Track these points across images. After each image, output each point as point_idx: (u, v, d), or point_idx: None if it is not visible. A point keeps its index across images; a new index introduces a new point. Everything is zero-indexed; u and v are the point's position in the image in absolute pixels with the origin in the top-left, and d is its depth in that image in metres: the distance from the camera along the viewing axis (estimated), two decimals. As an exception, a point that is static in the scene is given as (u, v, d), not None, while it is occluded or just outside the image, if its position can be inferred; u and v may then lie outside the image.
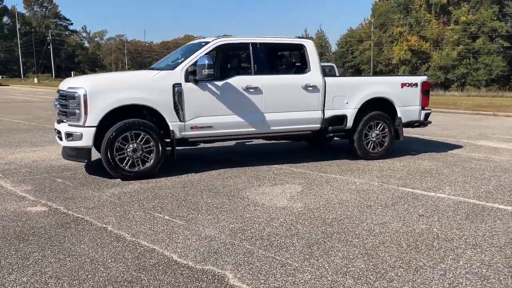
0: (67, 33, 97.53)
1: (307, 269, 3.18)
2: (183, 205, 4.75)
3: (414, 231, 4.01)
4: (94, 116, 5.57)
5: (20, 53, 75.98)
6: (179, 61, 6.30)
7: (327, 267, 3.22)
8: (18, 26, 78.01)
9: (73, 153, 5.85)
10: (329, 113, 7.00)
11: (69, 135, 5.66)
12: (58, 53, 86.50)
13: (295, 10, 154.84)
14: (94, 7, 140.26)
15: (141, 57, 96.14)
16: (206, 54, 6.30)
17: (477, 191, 5.48)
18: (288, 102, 6.69)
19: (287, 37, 6.98)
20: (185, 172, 6.33)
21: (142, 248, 3.55)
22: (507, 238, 3.87)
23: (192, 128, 6.13)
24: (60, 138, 5.86)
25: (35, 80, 62.20)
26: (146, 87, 5.84)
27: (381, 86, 7.44)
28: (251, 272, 3.12)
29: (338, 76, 11.83)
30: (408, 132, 9.31)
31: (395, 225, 4.18)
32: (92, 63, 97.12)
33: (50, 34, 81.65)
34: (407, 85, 7.62)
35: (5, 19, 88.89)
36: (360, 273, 3.14)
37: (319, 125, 6.97)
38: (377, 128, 7.45)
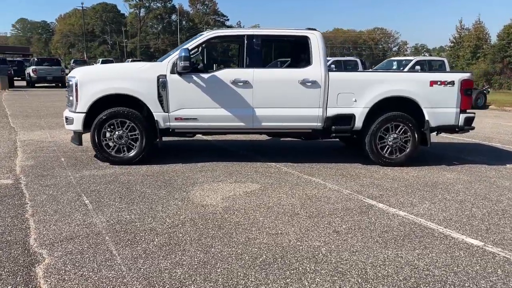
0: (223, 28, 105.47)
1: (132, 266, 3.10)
2: (119, 192, 4.95)
3: (306, 247, 3.52)
4: (84, 103, 6.11)
5: (221, 50, 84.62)
6: (172, 53, 6.48)
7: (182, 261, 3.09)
8: (182, 22, 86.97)
9: (73, 136, 6.51)
10: (332, 111, 6.41)
11: (66, 119, 6.32)
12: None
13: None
14: (246, 2, 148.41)
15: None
16: (196, 46, 6.36)
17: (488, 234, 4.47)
18: (282, 97, 6.33)
19: (291, 29, 6.58)
20: (171, 162, 6.51)
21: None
22: None
23: (176, 119, 6.26)
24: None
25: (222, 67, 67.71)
26: (131, 77, 6.16)
27: (402, 84, 6.49)
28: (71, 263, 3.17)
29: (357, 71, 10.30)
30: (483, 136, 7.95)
31: (290, 237, 3.72)
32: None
33: (206, 30, 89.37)
34: (439, 83, 6.50)
35: (173, 16, 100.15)
36: None
37: (320, 124, 6.44)
38: (396, 131, 6.55)
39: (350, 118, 6.44)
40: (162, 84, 6.13)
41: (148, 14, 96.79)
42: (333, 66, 19.29)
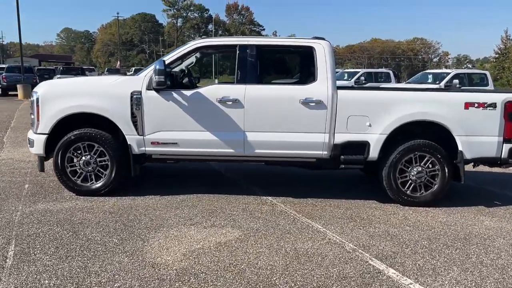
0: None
1: None
2: (61, 239, 3.98)
3: None
4: (45, 123, 5.24)
5: (217, 59, 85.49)
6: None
7: None
8: (218, 31, 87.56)
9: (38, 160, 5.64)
10: (341, 138, 5.24)
11: (28, 141, 5.46)
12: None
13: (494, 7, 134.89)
14: (282, 12, 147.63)
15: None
16: (179, 57, 5.39)
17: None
18: (279, 120, 5.23)
19: (293, 38, 5.47)
20: (148, 192, 5.53)
21: None
22: None
23: (153, 143, 5.28)
24: (32, 143, 5.71)
25: (216, 81, 68.43)
26: (101, 94, 5.23)
27: (429, 105, 5.24)
28: None
29: (380, 87, 8.32)
30: None
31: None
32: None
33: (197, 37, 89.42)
34: (477, 105, 5.21)
35: (209, 26, 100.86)
36: None
37: (326, 152, 5.28)
38: (421, 163, 5.30)
39: (364, 146, 5.25)
40: (136, 102, 5.16)
41: (185, 24, 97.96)
42: (362, 78, 17.96)
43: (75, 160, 5.33)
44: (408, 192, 5.35)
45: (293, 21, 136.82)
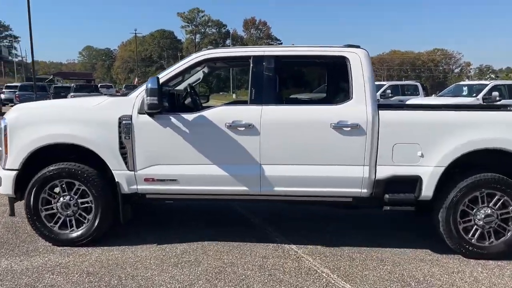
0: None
1: None
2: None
3: None
4: (15, 156, 4.24)
5: (234, 72, 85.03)
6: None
7: None
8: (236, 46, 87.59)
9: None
10: (385, 172, 4.09)
11: (-5, 178, 4.45)
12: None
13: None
14: (298, 25, 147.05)
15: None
16: (179, 73, 4.36)
17: None
18: (304, 149, 4.11)
19: (321, 46, 4.35)
20: (143, 239, 4.45)
21: None
22: None
23: (147, 180, 4.22)
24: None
25: (234, 96, 67.75)
26: (81, 119, 4.21)
27: (499, 128, 4.05)
28: None
29: (413, 107, 6.29)
30: None
31: None
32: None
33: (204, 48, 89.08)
34: None
35: (227, 41, 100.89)
36: None
37: (365, 190, 4.13)
38: (490, 204, 4.09)
39: (414, 182, 4.08)
40: (125, 129, 4.13)
41: (203, 40, 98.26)
42: (389, 91, 16.69)
43: (51, 201, 4.30)
44: (473, 240, 4.14)
45: (309, 34, 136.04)
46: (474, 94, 13.83)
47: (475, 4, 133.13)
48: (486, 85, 13.95)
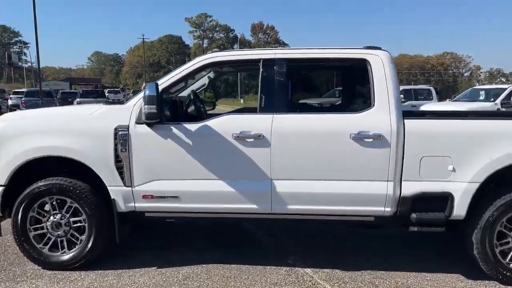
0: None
1: None
2: None
3: None
4: (2, 170, 3.84)
5: (242, 76, 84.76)
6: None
7: None
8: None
9: None
10: (411, 188, 3.63)
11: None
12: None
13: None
14: (306, 31, 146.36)
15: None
16: (181, 78, 3.95)
17: None
18: (320, 163, 3.68)
19: (339, 48, 3.91)
20: (142, 262, 4.03)
21: None
22: None
23: (145, 197, 3.80)
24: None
25: (242, 101, 67.30)
26: (74, 130, 3.81)
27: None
28: None
29: (435, 114, 5.24)
30: None
31: None
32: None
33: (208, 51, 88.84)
34: None
35: (235, 46, 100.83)
36: None
37: (389, 209, 3.68)
38: (531, 224, 3.62)
39: (445, 199, 3.63)
40: (122, 140, 3.72)
41: (211, 45, 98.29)
42: (401, 96, 16.15)
43: (41, 220, 3.90)
44: (511, 265, 3.66)
45: (316, 39, 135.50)
46: (492, 99, 13.28)
47: (484, 6, 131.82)
48: (505, 89, 13.38)
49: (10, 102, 27.84)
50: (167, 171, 3.77)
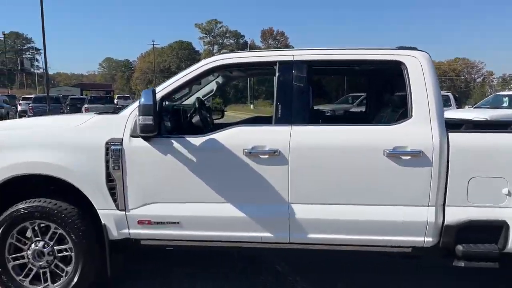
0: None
1: None
2: None
3: None
4: (-24, 191, 3.32)
5: (252, 82, 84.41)
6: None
7: None
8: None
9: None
10: (457, 214, 3.04)
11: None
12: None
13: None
14: (317, 36, 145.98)
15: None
16: (184, 84, 3.39)
17: None
18: (348, 184, 3.10)
19: (369, 49, 3.33)
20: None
21: None
22: None
23: (141, 223, 3.25)
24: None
25: (252, 106, 66.48)
26: (59, 144, 3.28)
27: None
28: None
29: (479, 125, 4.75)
30: None
31: None
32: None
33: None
34: None
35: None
36: None
37: (430, 239, 3.08)
38: None
39: (498, 229, 3.02)
40: (114, 156, 3.18)
41: (221, 50, 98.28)
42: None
43: (21, 249, 3.36)
44: None
45: (327, 44, 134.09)
46: (517, 106, 12.55)
47: (497, 11, 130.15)
48: (530, 95, 12.65)
49: (19, 108, 27.72)
50: (167, 192, 3.22)
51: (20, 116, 25.29)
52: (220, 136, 3.18)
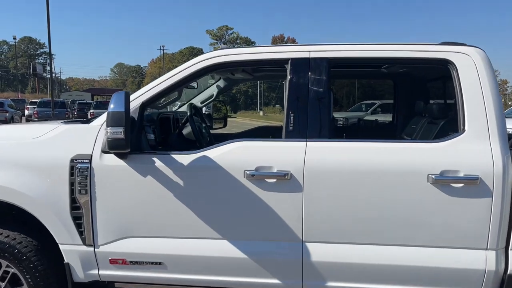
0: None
1: None
2: None
3: None
4: None
5: (262, 88, 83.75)
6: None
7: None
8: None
9: None
10: (526, 262, 2.29)
11: None
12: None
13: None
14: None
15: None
16: (169, 87, 2.67)
17: None
18: (380, 218, 2.37)
19: (405, 44, 2.59)
20: None
21: None
22: None
23: (114, 262, 2.56)
24: None
25: (261, 113, 65.72)
26: (11, 161, 2.60)
27: None
28: None
29: None
30: None
31: None
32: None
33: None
34: None
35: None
36: None
37: (487, 292, 2.33)
38: None
39: None
40: (81, 177, 2.50)
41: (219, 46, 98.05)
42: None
43: (-34, 290, 2.70)
44: None
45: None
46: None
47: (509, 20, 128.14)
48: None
49: (26, 112, 27.39)
50: (147, 224, 2.53)
51: (27, 121, 24.92)
52: (215, 153, 2.48)
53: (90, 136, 2.56)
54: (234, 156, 2.46)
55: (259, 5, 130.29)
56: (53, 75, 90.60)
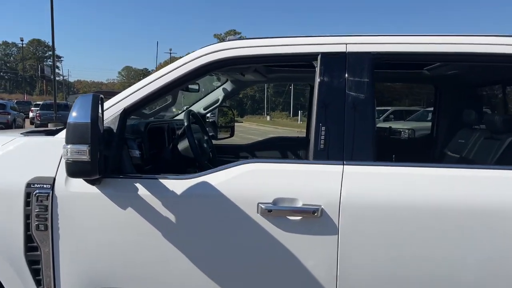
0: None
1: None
2: None
3: None
4: None
5: (267, 92, 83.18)
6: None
7: None
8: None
9: None
10: None
11: None
12: (304, 92, 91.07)
13: None
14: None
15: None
16: (160, 90, 2.03)
17: None
18: (448, 271, 1.70)
19: (472, 36, 1.93)
20: None
21: None
22: None
23: (83, 324, 1.90)
24: None
25: (268, 118, 64.78)
26: None
27: None
28: None
29: None
30: None
31: None
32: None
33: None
34: None
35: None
36: None
37: None
38: None
39: None
40: (39, 208, 1.86)
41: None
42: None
43: None
44: None
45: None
46: None
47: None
48: None
49: (30, 114, 26.99)
50: (127, 272, 1.88)
51: (31, 123, 24.47)
52: (220, 178, 1.83)
53: (54, 152, 1.93)
54: (245, 183, 1.81)
55: (269, 9, 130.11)
56: (62, 77, 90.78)
